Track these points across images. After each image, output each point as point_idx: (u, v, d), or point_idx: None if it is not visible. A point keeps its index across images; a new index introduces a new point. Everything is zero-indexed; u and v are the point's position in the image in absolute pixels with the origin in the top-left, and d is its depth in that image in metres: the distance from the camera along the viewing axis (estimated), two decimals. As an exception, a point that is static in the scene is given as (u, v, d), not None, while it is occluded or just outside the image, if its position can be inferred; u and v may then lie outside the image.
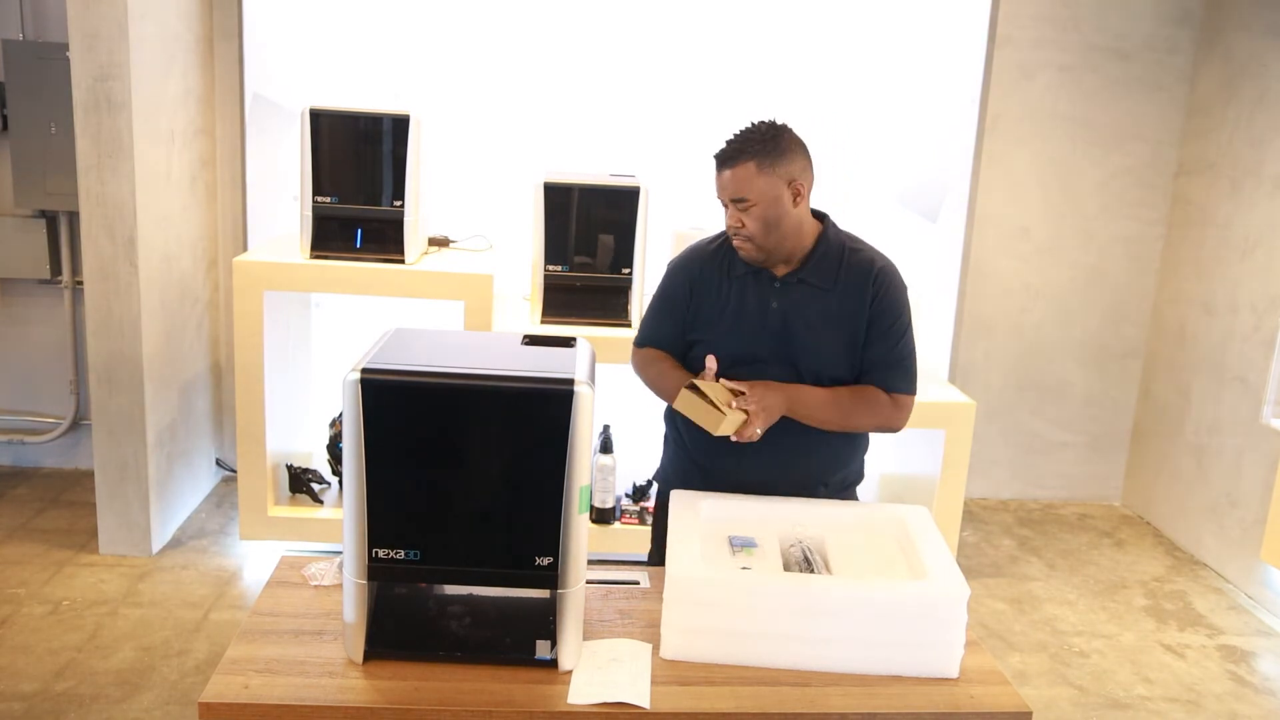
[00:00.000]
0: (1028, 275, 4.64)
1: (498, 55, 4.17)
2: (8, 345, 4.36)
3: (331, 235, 3.48)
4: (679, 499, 2.09)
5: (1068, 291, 4.68)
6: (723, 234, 2.24)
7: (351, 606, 1.71)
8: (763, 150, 2.05)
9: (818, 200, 2.22)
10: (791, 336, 2.14)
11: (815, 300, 2.15)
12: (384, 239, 3.50)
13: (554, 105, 4.20)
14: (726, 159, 2.07)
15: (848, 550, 2.00)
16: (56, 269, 4.20)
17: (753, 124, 2.09)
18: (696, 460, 2.26)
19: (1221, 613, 3.88)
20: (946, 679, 1.79)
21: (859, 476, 2.36)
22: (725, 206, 2.11)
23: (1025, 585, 4.01)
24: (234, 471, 4.09)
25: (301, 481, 3.74)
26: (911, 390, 2.20)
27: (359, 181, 3.47)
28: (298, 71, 4.12)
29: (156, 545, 3.80)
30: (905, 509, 2.12)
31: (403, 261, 3.50)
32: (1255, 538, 3.97)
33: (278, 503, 3.69)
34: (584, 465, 1.67)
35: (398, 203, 3.46)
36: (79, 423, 4.39)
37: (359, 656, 1.73)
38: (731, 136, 2.09)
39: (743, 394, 2.04)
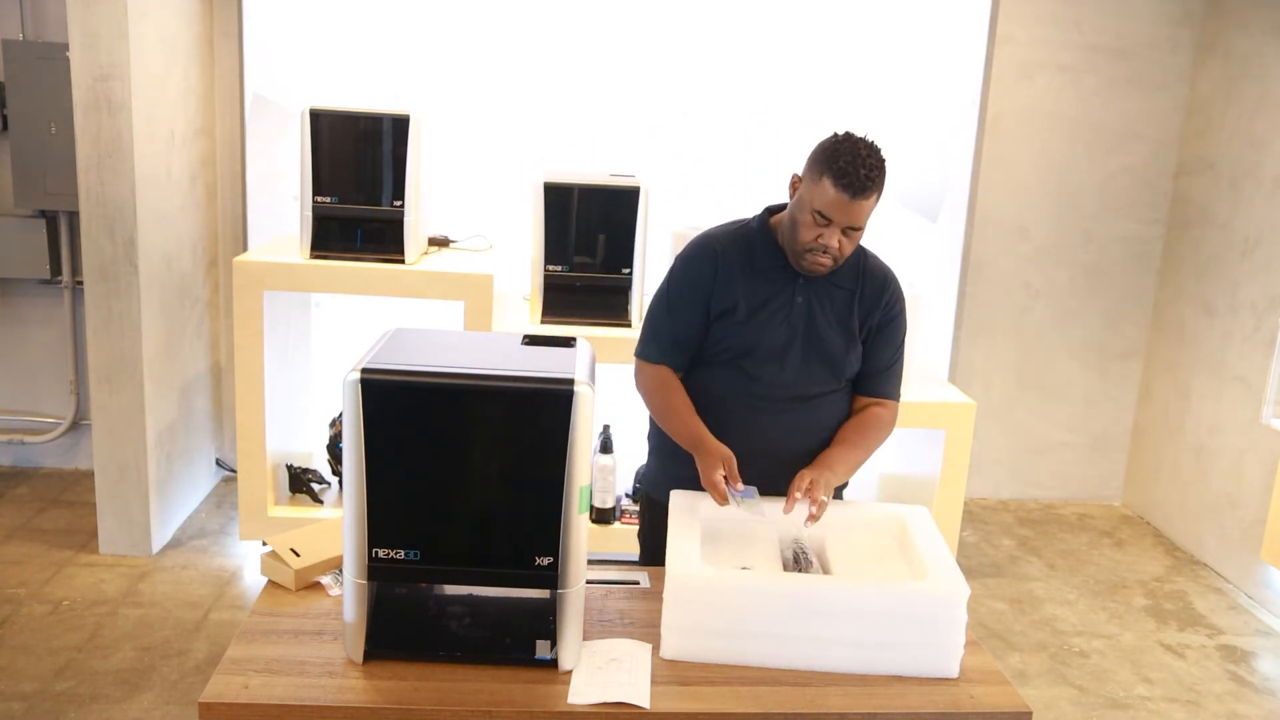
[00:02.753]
0: (1028, 275, 4.64)
1: (497, 55, 4.17)
2: (8, 345, 4.36)
3: (331, 235, 3.48)
4: (679, 499, 2.09)
5: (1068, 291, 4.68)
6: (736, 227, 2.23)
7: (351, 606, 1.71)
8: (881, 181, 2.06)
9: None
10: (813, 329, 2.16)
11: (837, 298, 2.18)
12: (384, 239, 3.50)
13: (554, 105, 4.21)
14: (861, 190, 2.02)
15: (847, 550, 2.00)
16: (56, 269, 4.20)
17: (867, 144, 2.06)
18: (685, 470, 2.22)
19: (1221, 613, 3.88)
20: (946, 679, 1.79)
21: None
22: (824, 224, 2.05)
23: (1025, 585, 4.01)
24: (234, 471, 4.09)
25: (301, 481, 3.74)
26: (900, 396, 2.31)
27: (359, 181, 3.47)
28: (298, 71, 4.12)
29: (156, 545, 3.80)
30: (905, 509, 2.12)
31: (403, 261, 3.50)
32: (1255, 538, 3.97)
33: (278, 503, 3.69)
34: (584, 465, 1.67)
35: (398, 203, 3.46)
36: (79, 423, 4.39)
37: (359, 656, 1.73)
38: (850, 157, 2.03)
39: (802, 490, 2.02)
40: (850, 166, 2.02)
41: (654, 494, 2.30)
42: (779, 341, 2.14)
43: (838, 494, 2.35)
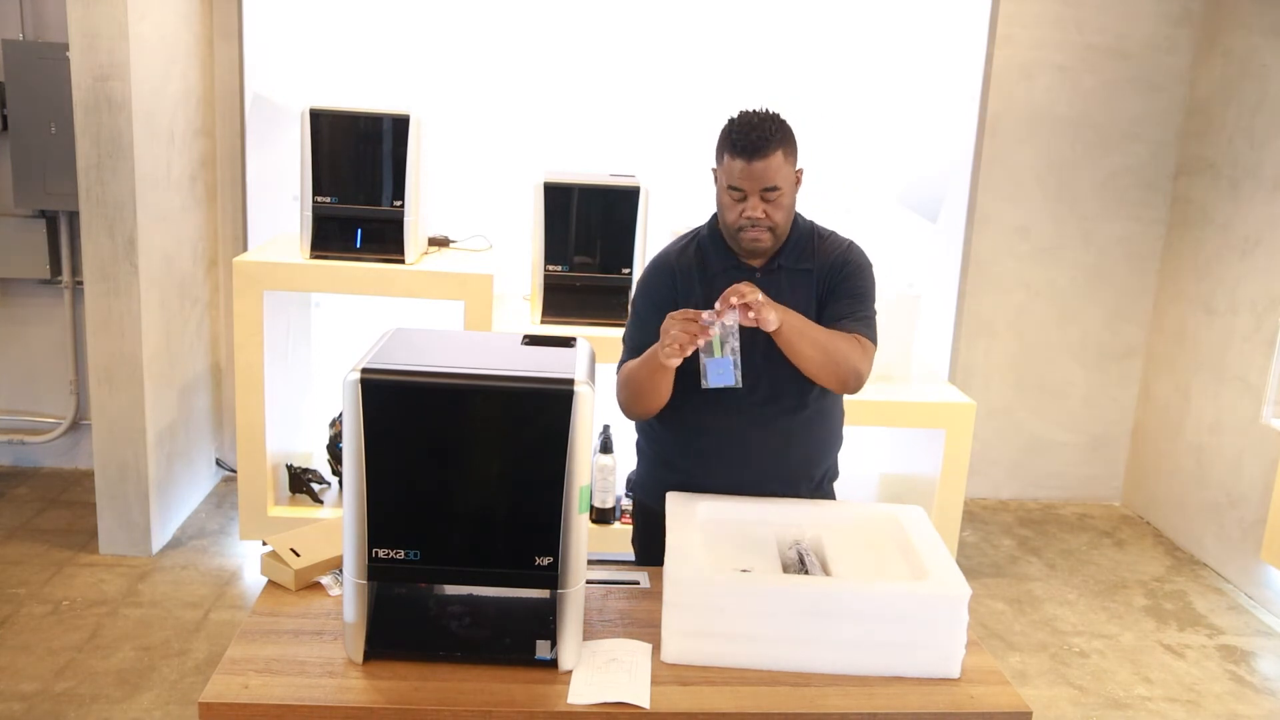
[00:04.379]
0: (1028, 275, 4.64)
1: (497, 55, 4.17)
2: (8, 345, 4.36)
3: (331, 235, 3.48)
4: (676, 500, 2.09)
5: (1068, 291, 4.68)
6: (688, 237, 2.24)
7: (351, 606, 1.71)
8: (786, 138, 2.06)
9: (821, 202, 2.23)
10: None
11: (796, 284, 2.17)
12: (384, 239, 3.50)
13: (554, 105, 4.21)
14: (756, 149, 2.02)
15: (846, 551, 2.00)
16: (56, 269, 4.20)
17: (758, 112, 2.06)
18: (672, 469, 2.22)
19: (1221, 613, 3.88)
20: (947, 679, 1.79)
21: (835, 473, 2.36)
22: (741, 198, 2.06)
23: (1025, 585, 4.01)
24: (234, 471, 4.09)
25: (301, 481, 3.74)
26: (875, 341, 2.18)
27: (359, 181, 3.47)
28: (298, 71, 4.12)
29: (156, 545, 3.80)
30: (900, 509, 2.12)
31: (403, 261, 3.50)
32: (1255, 538, 3.97)
33: (278, 503, 3.69)
34: (584, 465, 1.67)
35: (398, 203, 3.46)
36: (79, 423, 4.39)
37: (359, 656, 1.73)
38: (742, 125, 2.04)
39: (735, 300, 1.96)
40: (741, 132, 2.04)
41: (646, 500, 2.31)
42: (754, 348, 2.09)
43: (830, 492, 2.35)
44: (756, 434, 2.16)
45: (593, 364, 1.79)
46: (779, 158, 2.04)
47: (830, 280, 2.18)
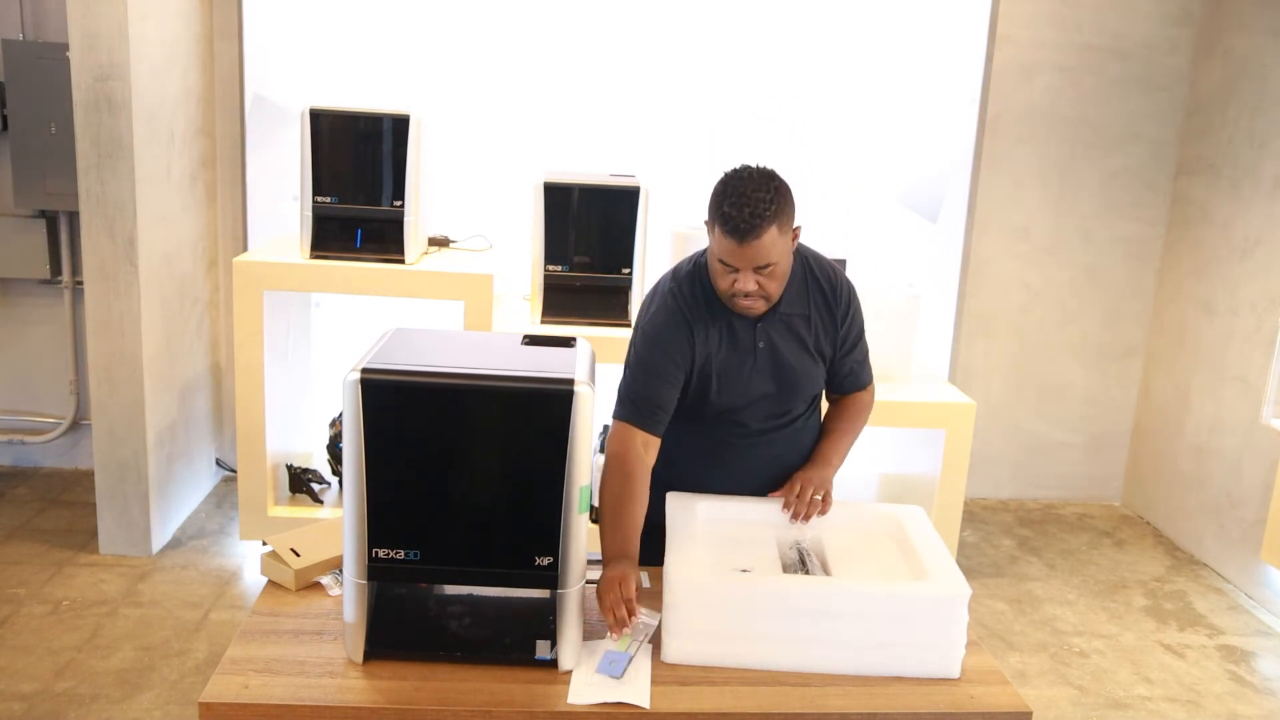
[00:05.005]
0: (1028, 275, 4.64)
1: (497, 55, 4.17)
2: (8, 345, 4.36)
3: (331, 235, 3.48)
4: (676, 501, 2.09)
5: (1068, 291, 4.68)
6: (684, 279, 2.14)
7: (351, 606, 1.71)
8: (779, 211, 1.94)
9: (821, 202, 2.22)
10: (780, 370, 2.13)
11: (795, 329, 2.14)
12: (384, 239, 3.50)
13: (554, 105, 4.20)
14: (749, 231, 1.91)
15: (846, 551, 2.00)
16: (56, 269, 4.20)
17: (751, 179, 1.95)
18: (670, 471, 2.20)
19: (1221, 613, 3.88)
20: (947, 679, 1.79)
21: None
22: (732, 271, 1.99)
23: (1025, 585, 4.01)
24: (234, 471, 4.09)
25: (301, 481, 3.74)
26: (872, 374, 2.31)
27: (359, 181, 3.47)
28: (298, 71, 4.12)
29: (156, 545, 3.80)
30: (900, 509, 2.13)
31: (403, 261, 3.50)
32: (1255, 538, 3.97)
33: (278, 503, 3.69)
34: (584, 465, 1.67)
35: (398, 203, 3.46)
36: (79, 423, 4.39)
37: (359, 656, 1.73)
38: (734, 200, 1.93)
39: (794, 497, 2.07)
40: (734, 210, 1.92)
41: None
42: (757, 392, 2.13)
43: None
44: (754, 455, 2.18)
45: (593, 364, 1.79)
46: (772, 234, 1.93)
47: (832, 323, 2.16)
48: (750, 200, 1.92)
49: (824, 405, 2.32)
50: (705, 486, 2.17)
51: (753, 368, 2.12)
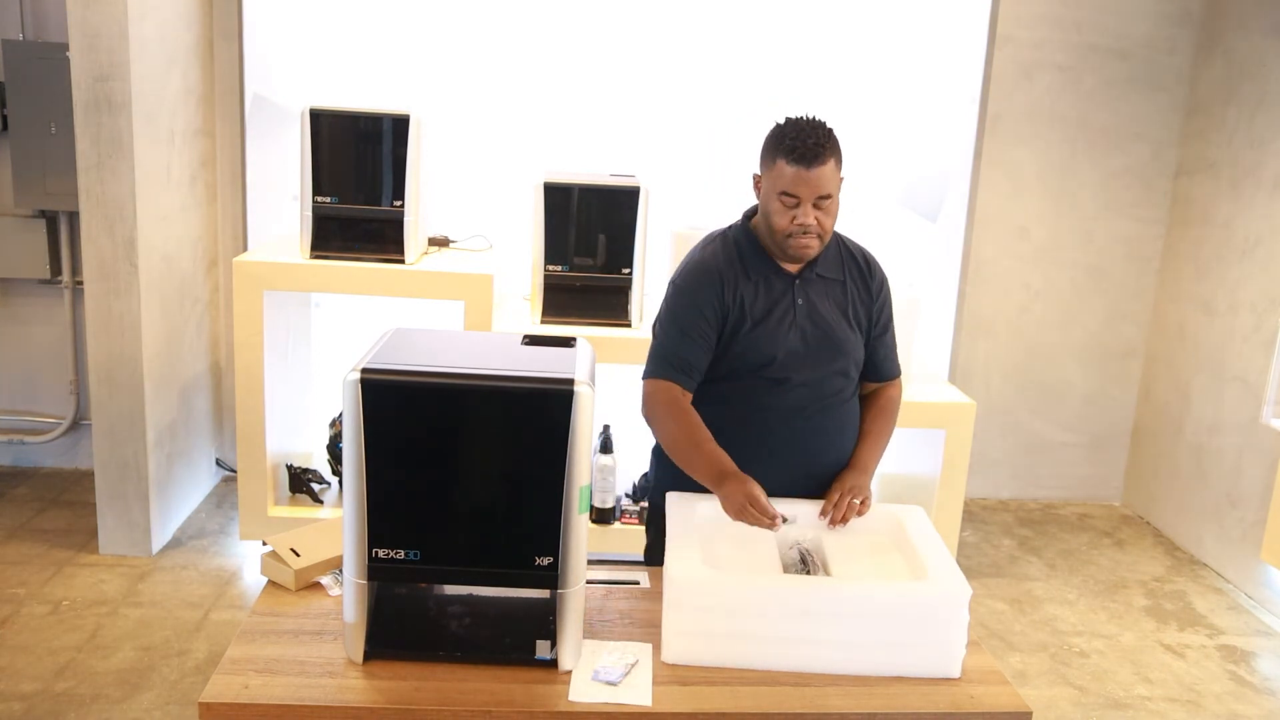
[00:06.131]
0: (1028, 275, 4.64)
1: (497, 55, 4.17)
2: (8, 345, 4.36)
3: (331, 235, 3.48)
4: (676, 500, 2.09)
5: (1068, 291, 4.68)
6: (720, 241, 2.22)
7: (351, 606, 1.71)
8: (837, 146, 2.08)
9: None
10: (820, 326, 2.17)
11: (830, 291, 2.21)
12: (384, 239, 3.50)
13: (554, 105, 4.20)
14: (814, 157, 2.03)
15: (846, 551, 2.00)
16: (56, 269, 4.20)
17: (809, 119, 2.08)
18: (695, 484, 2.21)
19: (1221, 613, 3.88)
20: (947, 679, 1.79)
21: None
22: (794, 205, 2.07)
23: (1025, 585, 4.01)
24: (234, 471, 4.09)
25: (301, 481, 3.74)
26: (900, 369, 2.38)
27: (359, 181, 3.47)
28: (298, 71, 4.12)
29: (156, 545, 3.80)
30: (900, 509, 2.13)
31: (403, 261, 3.50)
32: (1255, 538, 3.97)
33: (278, 503, 3.69)
34: (584, 465, 1.67)
35: (398, 203, 3.46)
36: (79, 423, 4.39)
37: (359, 656, 1.73)
38: (795, 133, 2.05)
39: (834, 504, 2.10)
40: (798, 140, 2.05)
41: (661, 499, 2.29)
42: (794, 345, 2.15)
43: None
44: (807, 440, 2.19)
45: (593, 364, 1.79)
46: (832, 165, 2.06)
47: (867, 299, 2.24)
48: (812, 132, 2.05)
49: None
50: (753, 473, 2.15)
51: (791, 322, 2.15)
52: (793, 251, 2.12)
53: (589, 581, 1.84)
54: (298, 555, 1.99)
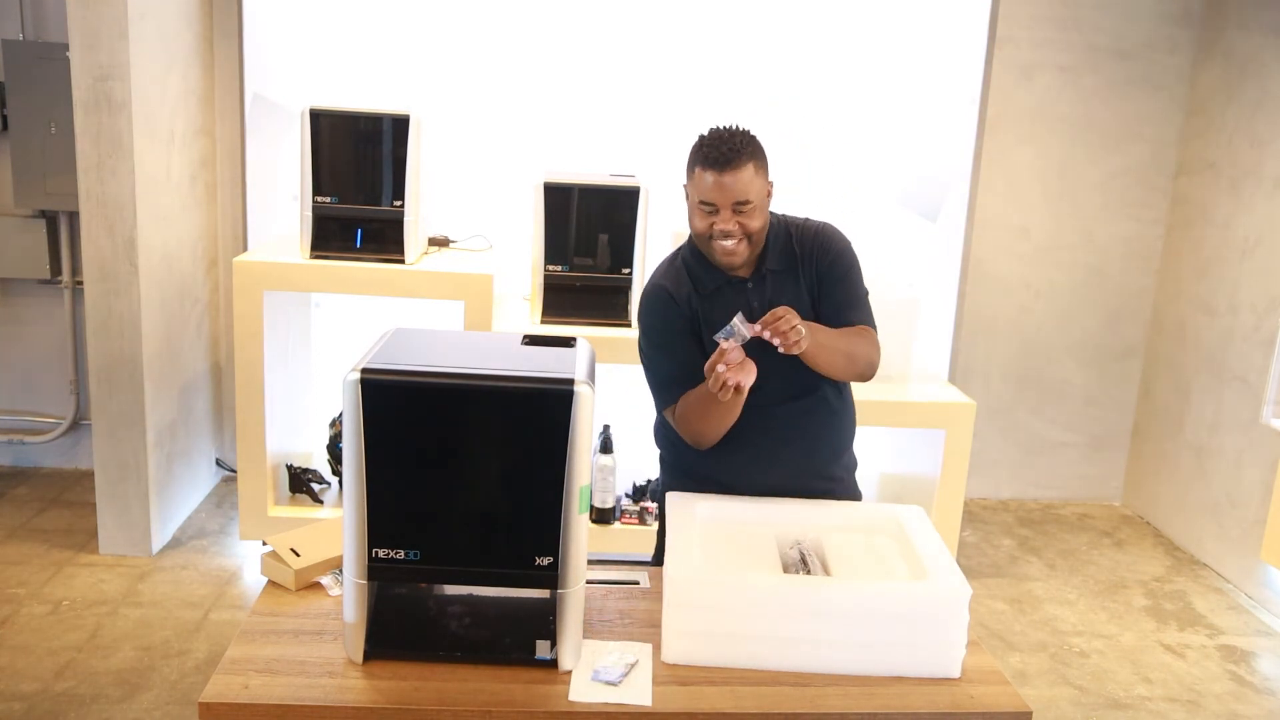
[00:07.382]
0: (1028, 275, 4.64)
1: (497, 55, 4.17)
2: (8, 345, 4.36)
3: (331, 235, 3.48)
4: (675, 500, 2.09)
5: (1068, 291, 4.68)
6: (670, 261, 2.23)
7: (351, 606, 1.71)
8: (756, 152, 2.06)
9: (821, 202, 2.23)
10: None
11: (786, 286, 2.17)
12: (384, 239, 3.50)
13: (554, 105, 4.20)
14: (726, 161, 2.01)
15: (846, 551, 2.00)
16: (56, 269, 4.20)
17: (728, 128, 2.07)
18: (700, 479, 2.21)
19: (1221, 613, 3.88)
20: (947, 679, 1.79)
21: (855, 463, 2.37)
22: (712, 212, 2.06)
23: (1025, 585, 4.01)
24: (234, 471, 4.09)
25: (301, 481, 3.74)
26: (874, 322, 2.23)
27: (359, 181, 3.47)
28: (298, 71, 4.12)
29: (156, 545, 3.80)
30: (900, 509, 2.13)
31: (403, 261, 3.50)
32: (1255, 538, 3.97)
33: (278, 503, 3.69)
34: (584, 465, 1.67)
35: (398, 203, 3.46)
36: (79, 423, 4.39)
37: (359, 656, 1.73)
38: (711, 140, 2.04)
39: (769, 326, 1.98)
40: (712, 146, 2.04)
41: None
42: (756, 354, 2.10)
43: (854, 483, 2.36)
44: (780, 435, 2.17)
45: (593, 364, 1.79)
46: (750, 170, 2.03)
47: (816, 271, 2.18)
48: (730, 138, 2.04)
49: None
50: (737, 471, 2.15)
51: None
52: (720, 259, 2.10)
53: (589, 581, 1.84)
54: (298, 555, 1.99)
